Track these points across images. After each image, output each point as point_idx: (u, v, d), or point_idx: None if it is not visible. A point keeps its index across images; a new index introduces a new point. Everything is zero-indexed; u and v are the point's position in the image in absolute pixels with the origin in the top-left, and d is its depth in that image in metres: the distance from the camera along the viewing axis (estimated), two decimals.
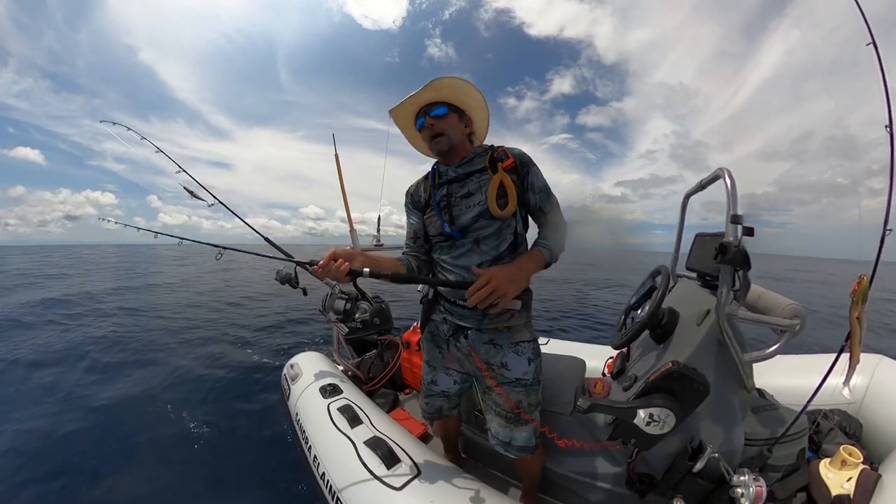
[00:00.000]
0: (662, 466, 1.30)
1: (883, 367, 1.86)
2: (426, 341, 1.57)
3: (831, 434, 1.60)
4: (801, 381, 1.76)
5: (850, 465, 1.28)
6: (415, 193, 1.53)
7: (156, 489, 2.12)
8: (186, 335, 5.22)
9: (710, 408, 1.27)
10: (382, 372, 2.70)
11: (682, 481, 1.23)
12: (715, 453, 1.17)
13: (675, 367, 1.17)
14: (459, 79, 1.31)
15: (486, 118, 1.46)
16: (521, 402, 1.39)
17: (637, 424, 1.15)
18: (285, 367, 2.74)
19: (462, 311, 1.38)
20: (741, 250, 1.24)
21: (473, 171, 1.38)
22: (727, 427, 1.28)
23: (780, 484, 1.29)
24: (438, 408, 1.62)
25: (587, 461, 1.48)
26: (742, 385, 1.37)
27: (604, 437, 1.32)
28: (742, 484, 1.13)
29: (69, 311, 6.68)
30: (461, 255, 1.36)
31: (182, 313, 6.71)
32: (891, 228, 1.17)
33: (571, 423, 1.54)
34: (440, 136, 1.35)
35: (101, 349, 4.45)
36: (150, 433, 2.64)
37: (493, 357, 1.39)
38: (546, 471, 1.57)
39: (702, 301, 1.51)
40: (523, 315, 1.40)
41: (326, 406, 2.00)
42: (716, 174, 1.48)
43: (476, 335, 1.39)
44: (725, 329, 1.30)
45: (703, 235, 1.79)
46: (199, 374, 3.71)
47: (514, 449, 1.44)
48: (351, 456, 1.59)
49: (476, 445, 1.91)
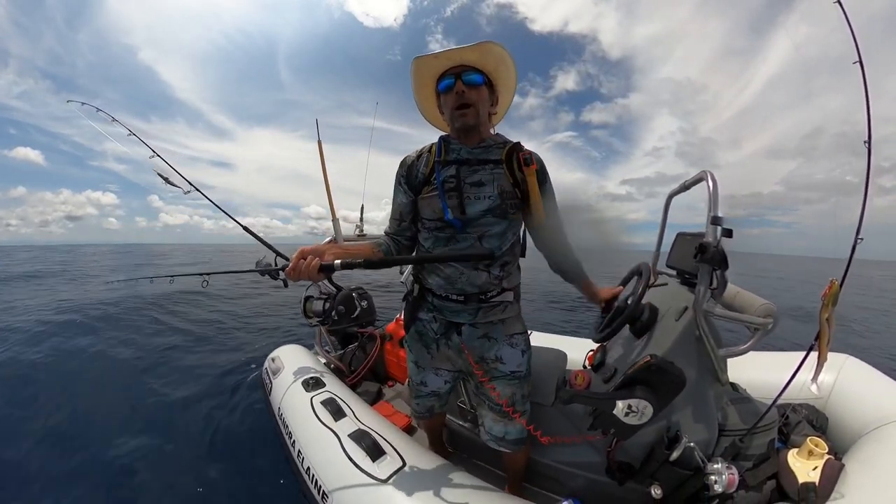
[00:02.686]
0: (641, 455, 1.34)
1: (849, 366, 1.95)
2: (413, 341, 1.47)
3: (799, 426, 1.67)
4: (772, 376, 1.83)
5: (816, 455, 1.34)
6: (413, 166, 1.32)
7: (130, 489, 2.07)
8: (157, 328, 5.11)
9: (687, 400, 1.31)
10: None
11: (659, 469, 1.27)
12: (690, 443, 1.21)
13: (653, 360, 1.20)
14: (507, 51, 1.17)
15: (509, 102, 1.33)
16: (515, 394, 1.37)
17: (616, 415, 1.18)
18: (266, 360, 2.72)
19: (455, 306, 1.30)
20: (720, 250, 1.29)
21: (489, 159, 1.24)
22: (702, 418, 1.33)
23: (751, 472, 1.34)
24: (429, 407, 1.58)
25: (568, 450, 1.51)
26: (717, 379, 1.42)
27: (584, 426, 1.35)
28: (716, 472, 1.18)
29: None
30: (462, 250, 1.25)
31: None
32: (862, 237, 1.23)
33: (553, 413, 1.57)
34: (469, 107, 1.19)
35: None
36: (124, 432, 2.56)
37: (488, 351, 1.35)
38: (529, 460, 1.60)
39: (680, 298, 1.56)
40: (515, 306, 1.37)
41: (309, 399, 1.99)
42: (699, 176, 1.53)
43: (470, 331, 1.33)
44: (702, 325, 1.35)
45: (683, 235, 1.84)
46: (176, 367, 3.64)
47: (508, 443, 1.42)
48: (335, 449, 1.59)
49: (460, 437, 1.92)
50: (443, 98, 1.24)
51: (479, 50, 1.16)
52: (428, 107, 1.35)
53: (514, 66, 1.22)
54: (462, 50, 1.15)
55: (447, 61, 1.19)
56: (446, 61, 1.19)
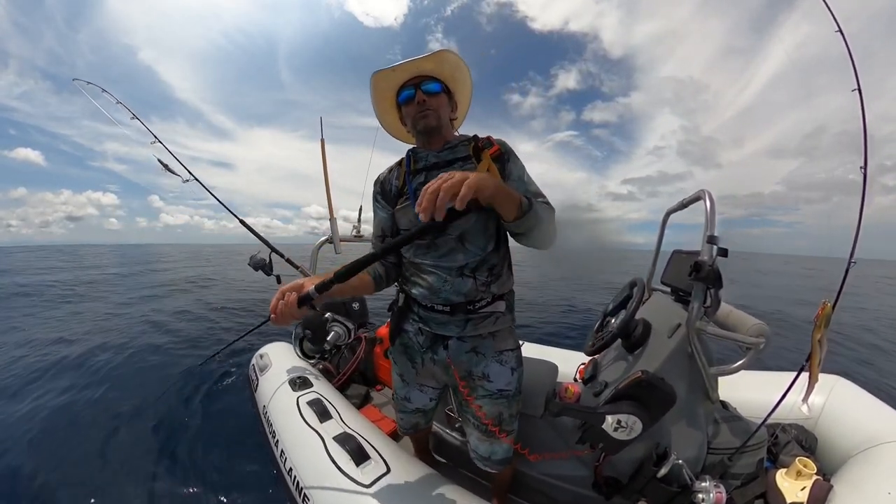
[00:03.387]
0: (628, 471, 1.33)
1: (839, 388, 1.95)
2: (398, 354, 1.41)
3: (788, 446, 1.66)
4: (762, 395, 1.83)
5: (804, 475, 1.34)
6: (385, 181, 1.34)
7: (107, 483, 2.03)
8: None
9: (676, 417, 1.31)
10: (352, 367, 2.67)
11: (647, 486, 1.26)
12: (679, 460, 1.20)
13: (644, 376, 1.19)
14: (460, 58, 1.21)
15: (467, 106, 1.36)
16: (503, 413, 1.30)
17: (605, 430, 1.18)
18: (254, 356, 2.68)
19: (441, 317, 1.24)
20: (714, 270, 1.29)
21: (457, 158, 1.25)
22: (691, 435, 1.32)
23: (739, 491, 1.33)
24: (414, 424, 1.54)
25: (556, 463, 1.50)
26: (707, 396, 1.41)
27: (573, 439, 1.34)
28: (703, 490, 1.18)
29: None
30: (443, 254, 1.21)
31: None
32: (855, 261, 1.23)
33: (542, 425, 1.56)
34: (429, 111, 1.21)
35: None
36: (100, 429, 2.51)
37: (475, 367, 1.28)
38: (516, 472, 1.58)
39: (674, 315, 1.55)
40: (507, 318, 1.30)
41: (296, 399, 1.96)
42: (697, 195, 1.53)
43: (457, 345, 1.26)
44: (694, 343, 1.35)
45: (679, 252, 1.84)
46: (157, 358, 3.59)
47: (494, 463, 1.38)
48: (319, 451, 1.56)
49: (447, 444, 1.90)
50: (404, 109, 1.26)
51: (434, 59, 1.19)
52: (390, 120, 1.37)
53: (469, 72, 1.26)
54: (418, 61, 1.18)
55: (405, 73, 1.22)
56: (404, 73, 1.22)
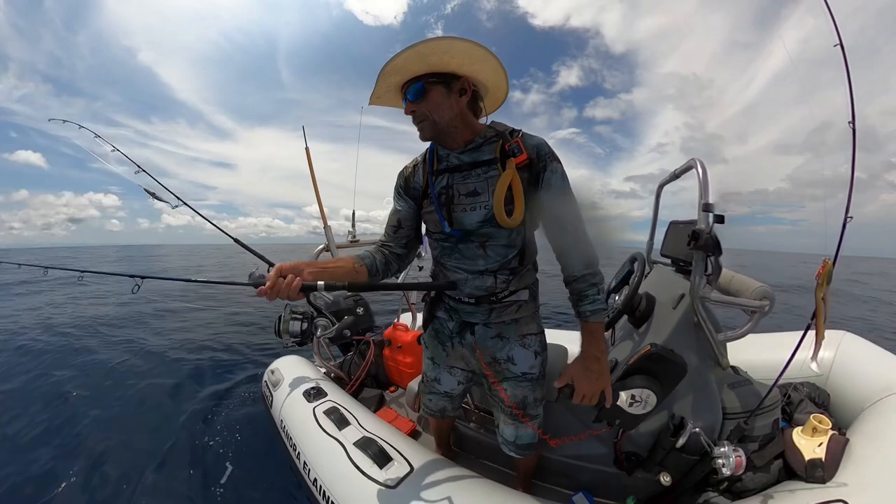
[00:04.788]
0: (647, 444, 1.34)
1: (847, 342, 1.97)
2: (430, 338, 1.45)
3: (802, 405, 1.68)
4: (771, 356, 1.84)
5: (820, 431, 1.35)
6: (410, 178, 1.27)
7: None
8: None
9: (689, 386, 1.32)
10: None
11: (666, 457, 1.28)
12: (696, 428, 1.22)
13: (653, 349, 1.21)
14: (423, 42, 0.98)
15: (490, 70, 1.09)
16: (528, 397, 1.32)
17: (620, 406, 1.19)
18: (265, 373, 2.68)
19: (468, 307, 1.28)
20: (713, 237, 1.30)
21: (480, 161, 1.14)
22: (706, 403, 1.34)
23: (757, 453, 1.35)
24: (442, 408, 1.56)
25: (576, 444, 1.51)
26: (717, 363, 1.43)
27: (589, 419, 1.35)
28: (723, 455, 1.19)
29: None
30: (465, 258, 1.21)
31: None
32: (851, 216, 1.24)
33: (557, 408, 1.57)
34: (423, 121, 1.11)
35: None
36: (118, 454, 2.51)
37: (500, 351, 1.29)
38: (538, 457, 1.60)
39: (676, 286, 1.57)
40: (531, 305, 1.30)
41: (312, 410, 1.97)
42: (688, 164, 1.54)
43: (483, 330, 1.29)
44: (699, 311, 1.36)
45: (676, 223, 1.85)
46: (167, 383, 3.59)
47: (519, 448, 1.40)
48: (341, 458, 1.57)
49: (467, 438, 1.92)
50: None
51: (388, 73, 1.05)
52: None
53: (455, 41, 0.99)
54: (377, 84, 1.08)
55: (387, 94, 1.13)
56: (385, 95, 1.14)
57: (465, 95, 1.10)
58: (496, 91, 1.17)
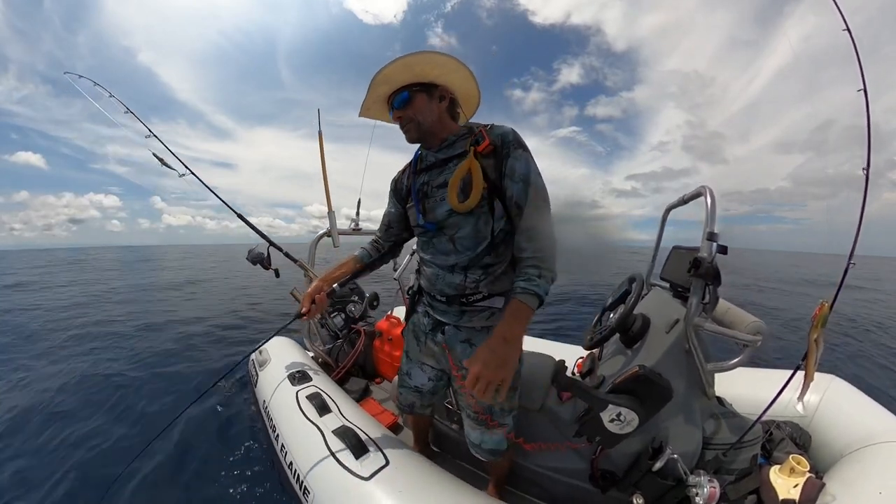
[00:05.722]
0: (624, 464, 1.34)
1: (834, 387, 1.96)
2: (407, 332, 1.53)
3: (783, 444, 1.68)
4: (758, 392, 1.84)
5: (797, 472, 1.35)
6: (398, 181, 1.42)
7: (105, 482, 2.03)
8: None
9: (673, 411, 1.32)
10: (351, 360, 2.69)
11: (642, 479, 1.27)
12: (674, 454, 1.21)
13: (641, 371, 1.20)
14: (409, 55, 1.11)
15: (462, 79, 1.23)
16: (493, 406, 1.34)
17: (603, 423, 1.19)
18: (253, 352, 2.70)
19: (441, 305, 1.33)
20: (713, 267, 1.30)
21: (453, 155, 1.22)
22: (687, 430, 1.33)
23: (733, 486, 1.35)
24: (411, 403, 1.60)
25: (553, 456, 1.51)
26: (703, 392, 1.43)
27: (570, 433, 1.35)
28: (697, 484, 1.19)
29: None
30: (439, 252, 1.27)
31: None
32: (854, 262, 1.24)
33: (539, 418, 1.57)
34: (409, 123, 1.22)
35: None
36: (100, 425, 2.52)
37: (466, 358, 1.24)
38: (513, 464, 1.60)
39: (672, 310, 1.56)
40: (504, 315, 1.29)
41: (295, 394, 1.97)
42: (698, 191, 1.54)
43: (453, 332, 1.33)
44: (692, 339, 1.36)
45: (679, 249, 1.85)
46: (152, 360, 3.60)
47: (483, 451, 1.43)
48: (319, 445, 1.57)
49: (446, 437, 1.92)
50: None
51: (378, 83, 1.18)
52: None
53: (433, 54, 1.14)
54: (368, 95, 1.22)
55: (376, 104, 1.27)
56: (374, 106, 1.28)
57: (444, 101, 1.23)
58: (470, 98, 1.31)
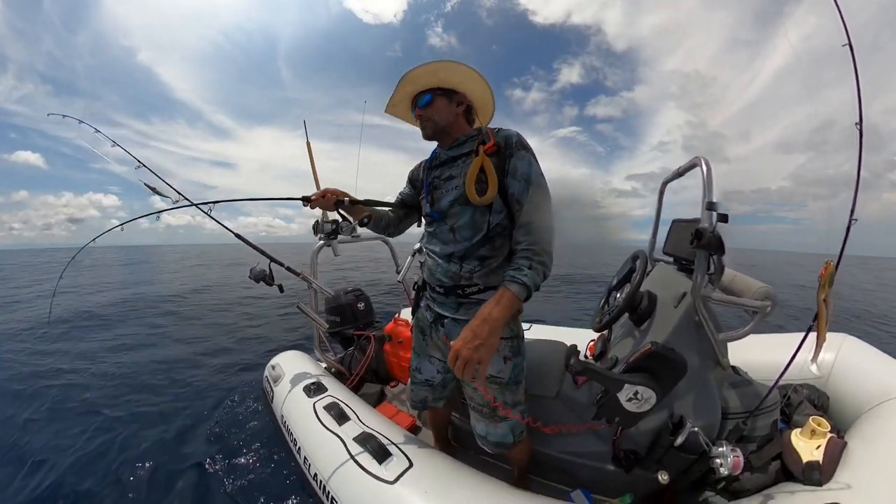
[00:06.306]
0: (646, 442, 1.34)
1: (847, 345, 1.96)
2: (414, 328, 1.58)
3: (801, 406, 1.68)
4: (772, 358, 1.84)
5: (818, 434, 1.35)
6: (416, 172, 1.56)
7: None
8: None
9: (689, 385, 1.32)
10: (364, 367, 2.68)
11: (665, 455, 1.28)
12: (695, 428, 1.22)
13: (653, 347, 1.21)
14: (435, 62, 1.25)
15: (480, 90, 1.35)
16: (497, 398, 1.35)
17: (620, 403, 1.19)
18: (266, 368, 2.70)
19: (440, 297, 1.38)
20: (716, 236, 1.29)
21: (462, 153, 1.34)
22: (705, 402, 1.34)
23: (755, 454, 1.35)
24: (423, 398, 1.62)
25: (574, 441, 1.52)
26: (718, 363, 1.43)
27: (588, 417, 1.36)
28: (721, 455, 1.19)
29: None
30: (440, 241, 1.35)
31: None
32: (856, 218, 1.23)
33: (556, 404, 1.57)
34: (427, 121, 1.34)
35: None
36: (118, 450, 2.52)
37: None
38: (535, 452, 1.61)
39: (678, 284, 1.56)
40: None
41: (312, 405, 1.98)
42: (693, 162, 1.53)
43: (452, 324, 1.36)
44: (701, 311, 1.36)
45: (679, 222, 1.84)
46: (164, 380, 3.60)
47: (489, 443, 1.44)
48: (341, 454, 1.58)
49: (465, 433, 1.92)
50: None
51: (406, 82, 1.30)
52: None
53: (454, 64, 1.26)
54: (396, 91, 1.34)
55: (402, 102, 1.39)
56: (400, 104, 1.40)
57: (461, 106, 1.35)
58: (485, 106, 1.41)
